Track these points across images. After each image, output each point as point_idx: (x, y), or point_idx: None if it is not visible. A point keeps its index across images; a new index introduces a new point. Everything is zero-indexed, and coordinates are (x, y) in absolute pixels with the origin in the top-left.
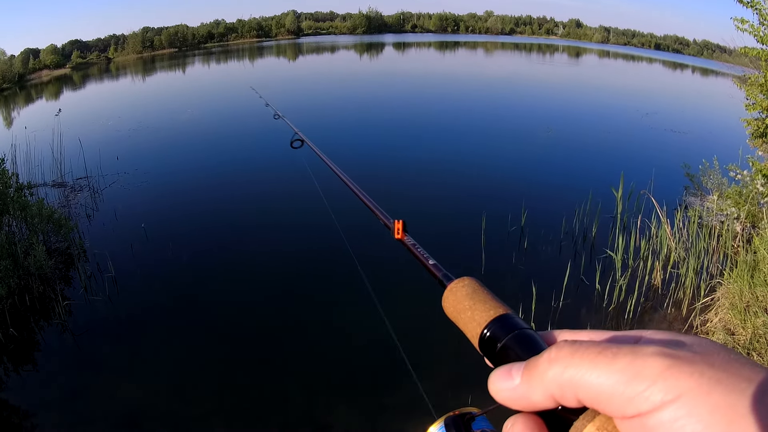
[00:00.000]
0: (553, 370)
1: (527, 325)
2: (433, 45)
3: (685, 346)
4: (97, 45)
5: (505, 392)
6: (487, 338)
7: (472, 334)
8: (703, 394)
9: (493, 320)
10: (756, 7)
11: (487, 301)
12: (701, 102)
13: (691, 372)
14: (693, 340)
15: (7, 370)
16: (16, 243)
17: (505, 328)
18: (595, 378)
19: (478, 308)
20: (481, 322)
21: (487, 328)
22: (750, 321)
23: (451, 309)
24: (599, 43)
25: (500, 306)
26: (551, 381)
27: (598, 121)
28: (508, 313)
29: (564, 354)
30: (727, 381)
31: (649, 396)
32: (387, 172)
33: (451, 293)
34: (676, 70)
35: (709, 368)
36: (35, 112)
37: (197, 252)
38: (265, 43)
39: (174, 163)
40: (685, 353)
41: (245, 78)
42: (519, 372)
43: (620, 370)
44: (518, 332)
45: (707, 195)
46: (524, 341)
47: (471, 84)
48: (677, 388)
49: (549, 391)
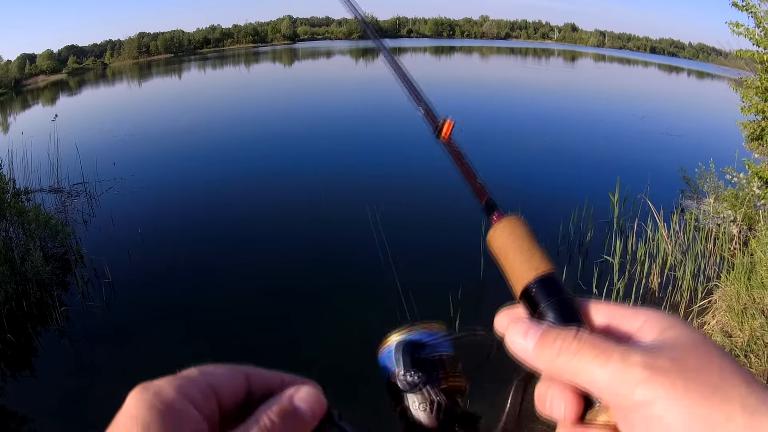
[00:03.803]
0: (561, 359)
1: (568, 292)
2: (429, 50)
3: (667, 350)
4: (93, 50)
5: (518, 349)
6: (530, 296)
7: (514, 281)
8: (675, 399)
9: (540, 279)
10: (751, 11)
11: (535, 252)
12: (697, 105)
13: (664, 380)
14: (678, 339)
15: (4, 376)
16: (13, 248)
17: (549, 292)
18: (593, 374)
19: (525, 258)
20: (527, 275)
21: (532, 285)
22: (747, 323)
23: (500, 247)
24: (595, 47)
25: (547, 261)
26: (557, 366)
27: (593, 125)
28: (554, 273)
29: (573, 349)
30: (694, 387)
31: (634, 397)
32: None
33: (503, 231)
34: (671, 73)
35: (680, 377)
36: (32, 118)
37: (194, 258)
38: (261, 48)
39: (171, 168)
40: (663, 361)
41: (241, 82)
42: (534, 339)
43: (611, 373)
44: (559, 299)
45: (704, 198)
46: (561, 309)
47: (465, 87)
48: (655, 393)
49: (554, 371)
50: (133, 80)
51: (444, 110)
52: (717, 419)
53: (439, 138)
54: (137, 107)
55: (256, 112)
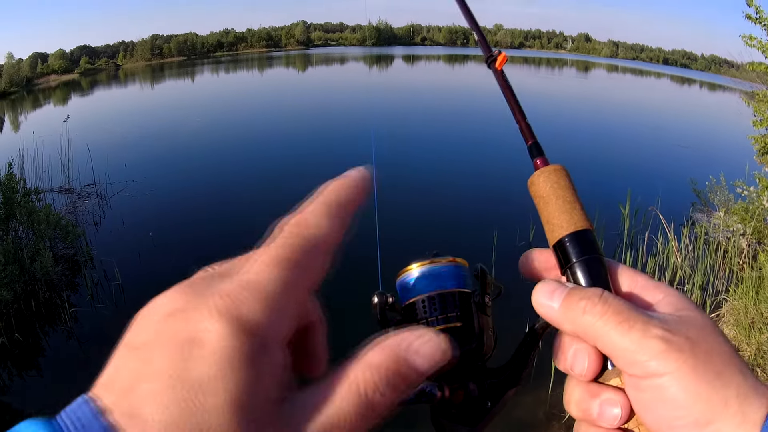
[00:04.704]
0: (585, 319)
1: (601, 251)
2: (443, 58)
3: (684, 328)
4: (105, 51)
5: (543, 308)
6: (564, 248)
7: (550, 229)
8: (682, 376)
9: (577, 233)
10: (765, 24)
11: (577, 206)
12: (709, 117)
13: (678, 357)
14: (692, 321)
15: (11, 375)
16: (22, 248)
17: (583, 248)
18: (613, 339)
19: (567, 209)
20: (566, 227)
21: (569, 238)
22: (755, 337)
23: (542, 193)
24: (608, 58)
25: (586, 218)
26: (581, 326)
27: (606, 136)
28: (591, 231)
29: (598, 311)
30: (702, 368)
31: (647, 367)
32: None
33: (548, 177)
34: (683, 84)
35: (692, 356)
36: (43, 117)
37: (205, 262)
38: (275, 53)
39: (182, 171)
40: (679, 339)
41: (255, 86)
42: (560, 299)
43: (631, 342)
44: (592, 257)
45: (714, 211)
46: (591, 268)
47: (479, 96)
48: (667, 367)
49: (577, 331)
50: (145, 82)
51: (457, 121)
52: (716, 402)
53: (491, 67)
54: (149, 109)
55: (271, 116)
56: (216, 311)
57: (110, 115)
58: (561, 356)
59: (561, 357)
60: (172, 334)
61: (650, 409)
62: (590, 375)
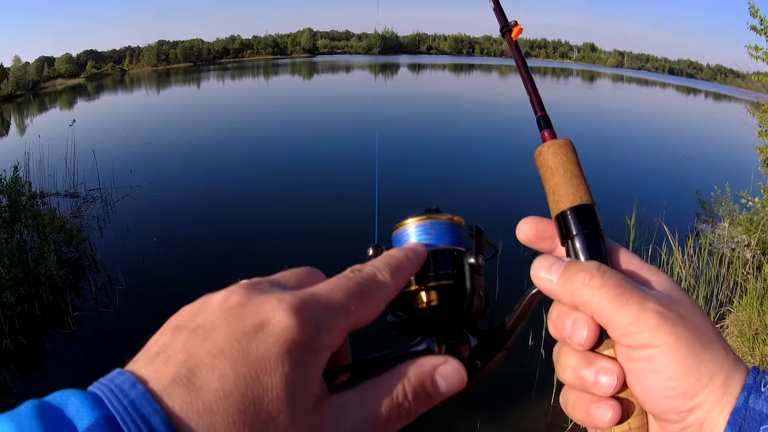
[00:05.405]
0: (583, 291)
1: (599, 226)
2: (448, 67)
3: (674, 306)
4: (112, 56)
5: (542, 282)
6: (566, 220)
7: (554, 200)
8: (674, 349)
9: (580, 207)
10: None
11: (582, 181)
12: (714, 127)
13: (672, 331)
14: (682, 301)
15: (14, 377)
16: (27, 251)
17: (585, 222)
18: (610, 312)
19: (573, 183)
20: (571, 199)
21: (572, 211)
22: (758, 348)
23: (549, 164)
24: (613, 68)
25: (589, 192)
26: (579, 298)
27: (611, 146)
28: (594, 206)
29: (595, 283)
30: (692, 342)
31: (641, 338)
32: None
33: (557, 150)
34: (689, 94)
35: (683, 330)
36: (49, 121)
37: (209, 268)
38: (281, 60)
39: (187, 177)
40: (672, 314)
41: (261, 93)
42: (558, 272)
43: (627, 314)
44: (593, 232)
45: (718, 222)
46: (591, 242)
47: (482, 106)
48: (659, 339)
49: (575, 303)
50: (151, 87)
51: (468, 128)
52: (703, 374)
53: (506, 37)
54: (155, 115)
55: (276, 122)
56: (287, 305)
57: (116, 120)
58: (558, 325)
59: (558, 326)
60: (237, 318)
61: (640, 380)
62: (588, 344)
